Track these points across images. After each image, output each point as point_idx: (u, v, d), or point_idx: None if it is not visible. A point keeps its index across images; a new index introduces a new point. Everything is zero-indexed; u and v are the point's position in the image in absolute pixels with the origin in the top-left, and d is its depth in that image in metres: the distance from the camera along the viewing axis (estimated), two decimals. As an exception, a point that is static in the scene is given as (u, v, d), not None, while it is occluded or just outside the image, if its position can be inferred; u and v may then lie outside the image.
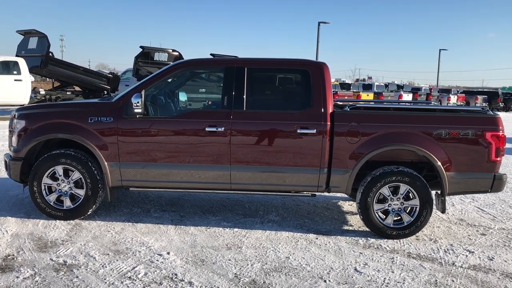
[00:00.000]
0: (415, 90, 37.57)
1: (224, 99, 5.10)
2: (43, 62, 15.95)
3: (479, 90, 48.19)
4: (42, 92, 17.15)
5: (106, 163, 5.08)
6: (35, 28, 16.44)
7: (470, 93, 39.99)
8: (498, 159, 4.94)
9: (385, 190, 4.95)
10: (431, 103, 7.46)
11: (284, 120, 5.03)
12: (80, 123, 5.09)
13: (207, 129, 5.00)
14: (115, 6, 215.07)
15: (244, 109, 5.05)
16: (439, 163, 4.87)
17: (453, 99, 36.36)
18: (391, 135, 4.92)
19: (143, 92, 5.01)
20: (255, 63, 5.31)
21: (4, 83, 14.94)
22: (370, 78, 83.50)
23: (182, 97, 5.73)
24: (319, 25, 38.36)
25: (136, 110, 4.95)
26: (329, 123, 4.96)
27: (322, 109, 4.99)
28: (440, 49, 53.92)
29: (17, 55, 16.50)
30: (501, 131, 4.90)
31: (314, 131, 4.95)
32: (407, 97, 31.94)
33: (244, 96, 5.06)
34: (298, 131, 4.97)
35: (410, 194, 4.94)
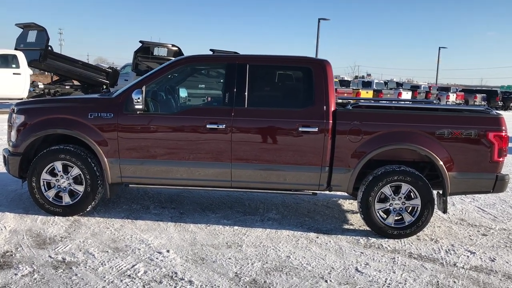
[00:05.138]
0: (414, 88, 37.57)
1: (225, 96, 5.05)
2: (42, 55, 15.84)
3: (478, 88, 48.13)
4: (41, 86, 17.04)
5: (105, 159, 5.04)
6: (34, 22, 16.33)
7: (469, 92, 39.86)
8: (501, 159, 4.92)
9: (387, 190, 4.92)
10: (433, 101, 7.40)
11: (286, 118, 4.98)
12: (80, 118, 5.04)
13: (208, 126, 4.96)
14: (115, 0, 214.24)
15: (246, 106, 5.01)
16: (441, 163, 4.84)
17: (452, 97, 36.30)
18: (393, 134, 4.89)
19: (144, 88, 4.96)
20: (257, 60, 5.26)
21: (3, 77, 14.83)
22: (369, 75, 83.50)
23: (183, 93, 5.68)
24: (319, 21, 38.18)
25: (136, 106, 4.90)
26: (331, 121, 4.92)
27: (324, 107, 4.95)
28: (439, 47, 53.87)
29: (15, 48, 16.39)
30: (504, 132, 4.87)
31: (316, 129, 4.91)
32: (407, 95, 31.88)
33: (246, 93, 5.02)
34: (300, 129, 4.92)
35: (411, 194, 4.91)
